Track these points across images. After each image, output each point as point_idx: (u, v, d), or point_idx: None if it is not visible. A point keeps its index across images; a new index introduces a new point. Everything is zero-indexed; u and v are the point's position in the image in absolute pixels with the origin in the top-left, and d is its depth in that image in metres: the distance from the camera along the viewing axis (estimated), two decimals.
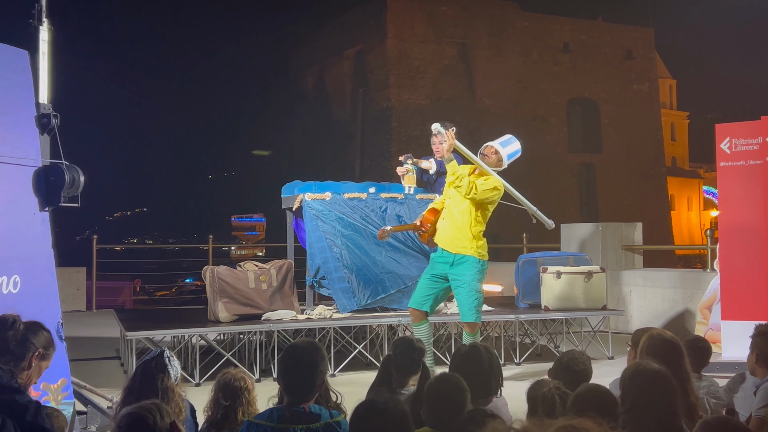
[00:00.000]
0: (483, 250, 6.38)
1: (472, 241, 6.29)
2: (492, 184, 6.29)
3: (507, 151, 6.61)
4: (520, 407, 3.53)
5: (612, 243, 10.70)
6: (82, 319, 11.81)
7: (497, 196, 6.37)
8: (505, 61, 31.89)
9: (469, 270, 6.30)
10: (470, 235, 6.29)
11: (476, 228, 6.33)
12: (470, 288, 6.31)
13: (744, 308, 7.21)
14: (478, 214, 6.33)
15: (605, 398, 3.04)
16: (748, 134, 7.38)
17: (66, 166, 5.08)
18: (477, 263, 6.31)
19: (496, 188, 6.30)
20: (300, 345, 3.23)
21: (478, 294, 6.34)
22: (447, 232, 6.38)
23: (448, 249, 6.35)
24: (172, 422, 2.67)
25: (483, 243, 6.40)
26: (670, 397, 3.11)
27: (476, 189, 6.18)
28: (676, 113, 58.93)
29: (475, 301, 6.33)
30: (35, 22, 5.20)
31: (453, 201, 6.41)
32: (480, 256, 6.34)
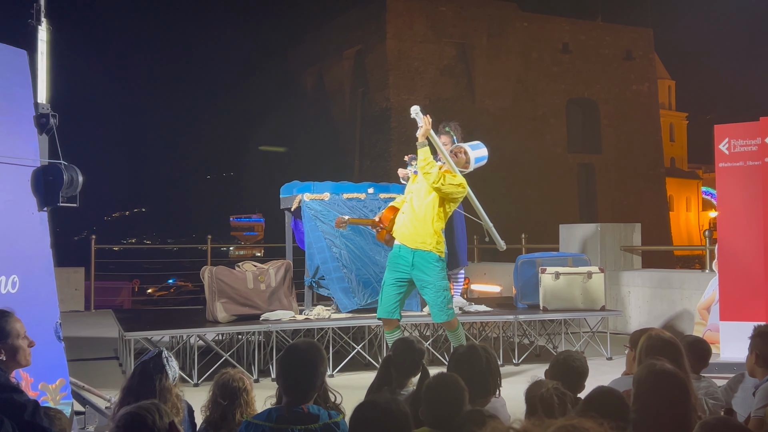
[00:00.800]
0: (441, 246, 6.35)
1: (432, 236, 6.24)
2: (458, 181, 6.28)
3: (475, 155, 6.67)
4: (519, 407, 3.53)
5: (611, 244, 10.70)
6: (81, 319, 11.81)
7: (460, 195, 6.36)
8: (504, 61, 31.90)
9: (431, 269, 6.25)
10: (431, 230, 6.24)
11: (438, 224, 6.28)
12: (436, 288, 6.26)
13: (742, 309, 7.21)
14: (440, 210, 6.29)
15: (617, 402, 3.03)
16: (746, 135, 7.38)
17: (64, 165, 5.07)
18: (437, 261, 6.27)
19: (461, 185, 6.29)
20: (300, 345, 3.23)
21: (445, 292, 6.30)
22: (406, 227, 6.32)
23: (407, 244, 6.29)
24: (170, 422, 2.67)
25: (442, 240, 6.37)
26: (684, 398, 3.11)
27: (444, 180, 6.16)
28: (675, 114, 58.98)
29: (444, 300, 6.28)
30: (34, 21, 5.20)
31: (416, 195, 6.37)
32: (439, 253, 6.30)
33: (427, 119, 6.25)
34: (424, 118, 6.26)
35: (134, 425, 2.60)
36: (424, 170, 6.18)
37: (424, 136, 6.24)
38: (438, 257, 6.29)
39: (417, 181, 6.45)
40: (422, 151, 6.20)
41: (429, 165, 6.16)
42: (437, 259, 6.27)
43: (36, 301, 4.91)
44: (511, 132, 31.46)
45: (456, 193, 6.28)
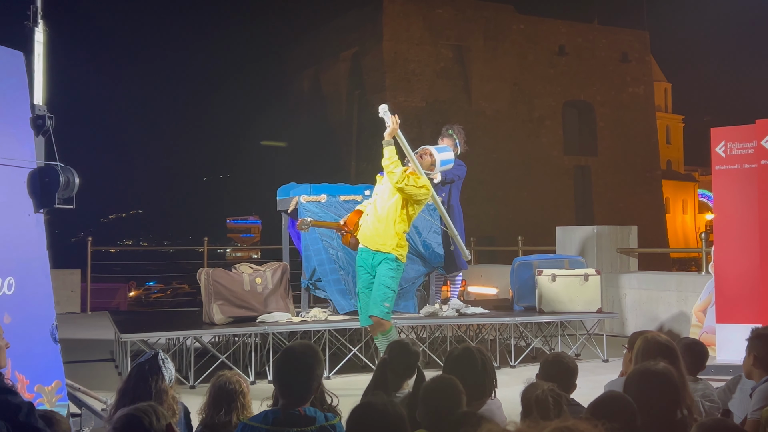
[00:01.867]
0: (403, 250, 6.29)
1: (393, 238, 6.22)
2: (422, 183, 6.23)
3: (441, 157, 6.67)
4: (515, 409, 3.53)
5: (607, 246, 10.71)
6: (77, 321, 11.79)
7: (424, 197, 6.30)
8: (500, 63, 31.93)
9: (384, 266, 6.22)
10: (393, 232, 6.22)
11: (400, 226, 6.24)
12: (381, 283, 6.22)
13: (738, 311, 7.22)
14: (403, 212, 6.25)
15: (625, 407, 3.03)
16: (743, 138, 7.39)
17: (61, 167, 5.07)
18: (393, 261, 6.22)
19: (425, 187, 6.24)
20: (297, 348, 3.23)
21: (389, 291, 6.21)
22: (369, 228, 6.33)
23: (369, 246, 6.29)
24: (168, 424, 2.67)
25: (404, 245, 6.32)
26: (674, 398, 3.11)
27: (408, 180, 6.12)
28: (671, 116, 59.09)
29: (383, 296, 6.20)
30: (30, 23, 5.20)
31: (380, 197, 6.37)
32: (399, 255, 6.25)
33: (395, 119, 6.25)
34: (392, 117, 6.26)
35: (131, 427, 2.60)
36: (387, 169, 6.18)
37: (391, 135, 6.25)
38: (395, 258, 6.23)
39: (383, 183, 6.44)
40: (387, 149, 6.22)
41: (393, 164, 6.16)
42: (394, 259, 6.22)
43: (32, 303, 4.91)
44: (507, 134, 31.50)
45: (419, 195, 6.22)
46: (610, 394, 3.12)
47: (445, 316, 7.92)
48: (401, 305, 7.94)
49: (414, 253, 7.91)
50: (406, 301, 7.99)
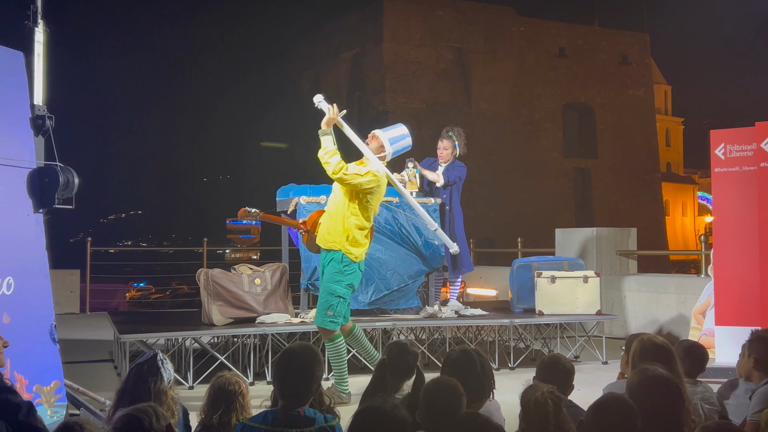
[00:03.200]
0: (357, 248, 5.96)
1: (342, 234, 5.92)
2: (366, 170, 5.89)
3: (387, 136, 6.23)
4: (514, 411, 3.53)
5: (607, 248, 10.71)
6: (76, 321, 11.78)
7: (372, 184, 5.91)
8: (500, 65, 31.95)
9: (330, 268, 5.96)
10: (341, 228, 5.92)
11: (351, 220, 5.93)
12: (325, 289, 5.96)
13: (738, 314, 7.22)
14: (353, 205, 5.95)
15: (626, 409, 3.02)
16: (742, 140, 7.39)
17: (60, 167, 5.07)
18: (339, 261, 5.93)
19: (370, 173, 5.89)
20: (297, 349, 3.22)
21: (332, 297, 5.92)
22: (322, 226, 6.10)
23: (321, 244, 6.06)
24: (167, 425, 2.67)
25: (360, 242, 5.98)
26: (678, 403, 3.11)
27: (346, 169, 5.80)
28: (671, 119, 59.13)
29: (325, 304, 5.92)
30: (31, 23, 5.20)
31: (334, 193, 6.15)
32: (347, 252, 5.92)
33: (332, 107, 5.99)
34: (330, 107, 6.01)
35: (131, 427, 2.60)
36: (322, 160, 5.87)
37: (329, 124, 5.97)
38: (342, 257, 5.94)
39: None
40: (323, 139, 5.93)
41: (327, 154, 5.85)
42: (340, 259, 5.94)
43: (31, 303, 4.91)
44: (507, 136, 31.50)
45: (365, 183, 5.87)
46: (610, 396, 3.12)
47: (445, 317, 7.91)
48: (402, 303, 7.94)
49: (414, 252, 7.92)
50: (409, 299, 7.99)
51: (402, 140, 6.32)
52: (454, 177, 8.14)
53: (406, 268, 7.89)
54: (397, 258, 7.85)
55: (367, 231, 6.11)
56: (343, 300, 5.99)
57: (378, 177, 5.96)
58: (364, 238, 6.06)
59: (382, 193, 6.14)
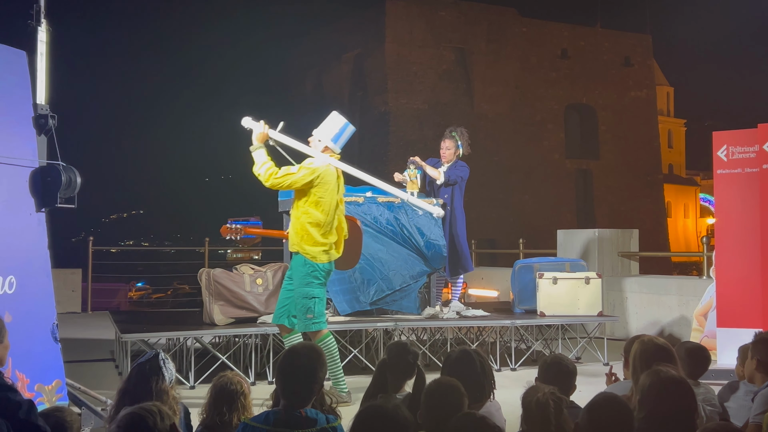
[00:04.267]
0: (315, 248, 5.95)
1: (299, 234, 5.96)
2: (298, 167, 5.94)
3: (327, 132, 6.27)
4: (515, 412, 3.52)
5: (608, 249, 10.71)
6: (77, 320, 11.79)
7: (307, 178, 5.91)
8: (503, 66, 31.94)
9: (297, 269, 6.00)
10: (298, 227, 5.97)
11: (303, 219, 5.96)
12: (299, 294, 5.99)
13: (739, 316, 7.21)
14: (303, 202, 6.00)
15: (621, 409, 3.03)
16: (745, 142, 7.39)
17: (63, 167, 5.08)
18: (303, 265, 5.97)
19: (302, 168, 5.92)
20: (300, 349, 3.22)
21: (307, 300, 5.97)
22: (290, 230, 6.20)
23: (290, 248, 6.14)
24: (171, 424, 2.67)
25: (312, 240, 5.95)
26: (691, 405, 3.11)
27: (276, 173, 5.88)
28: (673, 120, 59.07)
29: (303, 308, 5.98)
30: (33, 22, 5.21)
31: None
32: (306, 254, 5.95)
33: (261, 123, 6.07)
34: (258, 123, 6.09)
35: (135, 426, 2.60)
36: (256, 174, 5.97)
37: (261, 139, 6.04)
38: (304, 260, 5.97)
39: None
40: (255, 155, 6.01)
41: (258, 166, 5.95)
42: (303, 263, 5.98)
43: (33, 302, 4.91)
44: (509, 137, 31.49)
45: (299, 179, 5.90)
46: (603, 396, 3.11)
47: (446, 318, 7.91)
48: (403, 304, 7.93)
49: (416, 253, 7.91)
50: (410, 301, 7.99)
51: (335, 128, 6.36)
52: (455, 176, 8.14)
53: (408, 269, 7.88)
54: (398, 258, 7.84)
55: (325, 228, 6.05)
56: (320, 300, 6.04)
57: (314, 169, 5.96)
58: (322, 236, 6.02)
59: (331, 184, 6.09)
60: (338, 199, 6.20)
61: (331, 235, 6.10)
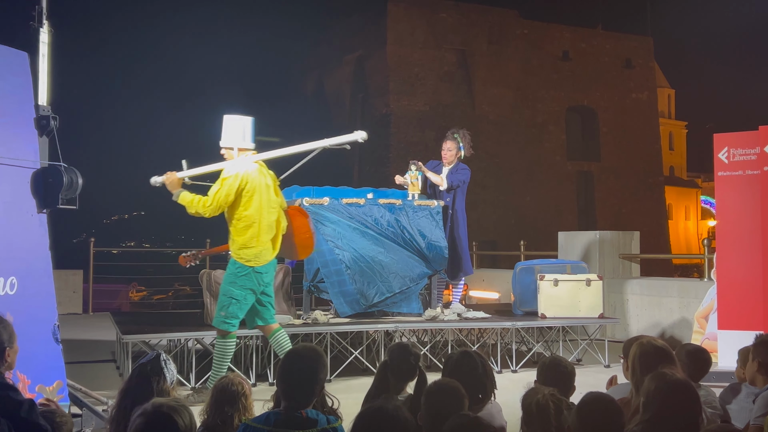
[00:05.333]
0: (248, 252, 6.07)
1: (233, 239, 6.11)
2: (219, 181, 6.07)
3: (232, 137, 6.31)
4: (516, 414, 3.53)
5: (609, 251, 10.71)
6: (79, 321, 11.80)
7: (234, 186, 6.02)
8: (504, 68, 31.93)
9: (228, 269, 6.16)
10: (233, 234, 6.11)
11: (239, 224, 6.09)
12: (221, 291, 6.15)
13: (741, 318, 7.21)
14: (235, 210, 6.10)
15: (610, 408, 3.03)
16: (746, 144, 7.39)
17: (64, 168, 5.08)
18: (234, 264, 6.09)
19: (222, 181, 6.04)
20: (301, 351, 3.23)
21: (225, 298, 6.07)
22: None
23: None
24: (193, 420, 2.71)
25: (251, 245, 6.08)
26: (696, 408, 3.11)
27: (206, 200, 6.03)
28: (674, 122, 59.06)
29: (220, 304, 6.09)
30: (35, 23, 5.21)
31: None
32: (239, 259, 6.08)
33: (166, 173, 6.22)
34: (164, 177, 6.24)
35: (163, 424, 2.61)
36: (193, 213, 6.09)
37: (176, 185, 6.20)
38: (234, 262, 6.10)
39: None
40: (180, 200, 6.17)
41: (191, 206, 6.09)
42: (233, 263, 6.11)
43: (34, 303, 4.92)
44: (510, 139, 31.48)
45: (227, 190, 6.02)
46: (592, 396, 3.11)
47: (447, 320, 7.91)
48: (404, 306, 7.94)
49: (417, 255, 7.91)
50: (411, 303, 7.99)
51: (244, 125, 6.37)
52: (457, 181, 8.15)
53: (409, 271, 7.88)
54: (399, 260, 7.84)
55: (256, 228, 6.12)
56: (237, 302, 6.11)
57: (234, 174, 6.06)
58: (254, 239, 6.11)
59: (257, 182, 6.16)
60: (270, 194, 6.27)
61: (265, 233, 6.17)
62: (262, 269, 6.18)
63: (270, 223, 6.22)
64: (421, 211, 7.96)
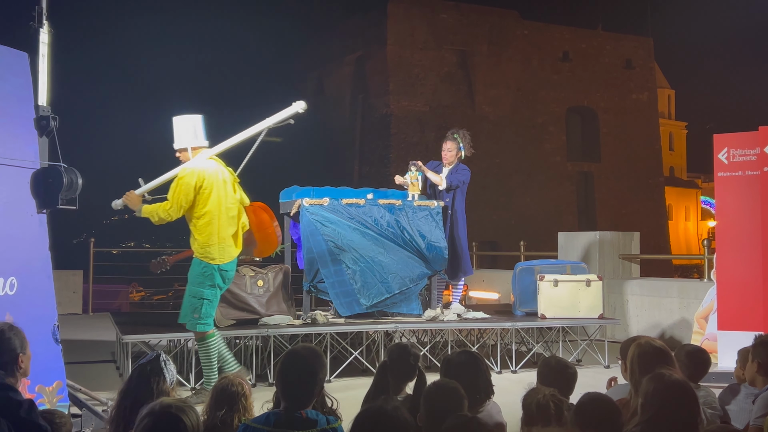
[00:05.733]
0: (211, 250, 6.06)
1: (194, 237, 6.10)
2: (175, 182, 6.09)
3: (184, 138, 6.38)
4: (516, 414, 3.53)
5: (609, 252, 10.71)
6: (78, 322, 11.80)
7: (192, 180, 6.03)
8: (504, 69, 31.93)
9: (192, 270, 6.13)
10: (194, 233, 6.10)
11: (199, 222, 6.08)
12: (187, 292, 6.14)
13: (740, 318, 7.21)
14: (193, 208, 6.09)
15: (608, 408, 3.03)
16: (745, 145, 7.39)
17: (64, 168, 5.08)
18: (198, 264, 6.07)
19: (180, 180, 6.06)
20: (301, 351, 3.23)
21: (194, 300, 6.06)
22: None
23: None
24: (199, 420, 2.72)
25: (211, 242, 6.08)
26: (695, 408, 3.11)
27: (166, 206, 6.05)
28: (674, 123, 59.07)
29: (191, 306, 6.07)
30: (35, 24, 5.21)
31: None
32: (204, 258, 6.06)
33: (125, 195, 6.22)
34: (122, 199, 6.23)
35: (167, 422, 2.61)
36: (159, 220, 6.09)
37: (136, 202, 6.20)
38: (199, 262, 6.09)
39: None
40: (144, 213, 6.16)
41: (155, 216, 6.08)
42: (198, 262, 6.10)
43: (34, 304, 4.92)
44: (510, 139, 31.47)
45: (187, 185, 6.04)
46: (589, 396, 3.11)
47: (447, 320, 7.91)
48: (404, 306, 7.93)
49: (417, 255, 7.91)
50: (410, 303, 7.98)
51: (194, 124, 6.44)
52: (457, 181, 8.15)
53: (408, 271, 7.87)
54: (399, 261, 7.84)
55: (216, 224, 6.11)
56: (209, 301, 6.11)
57: (189, 172, 6.08)
58: (215, 236, 6.10)
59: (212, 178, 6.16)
60: (227, 190, 6.26)
61: (225, 229, 6.15)
62: (227, 266, 6.18)
63: (230, 218, 6.21)
64: (421, 212, 7.95)
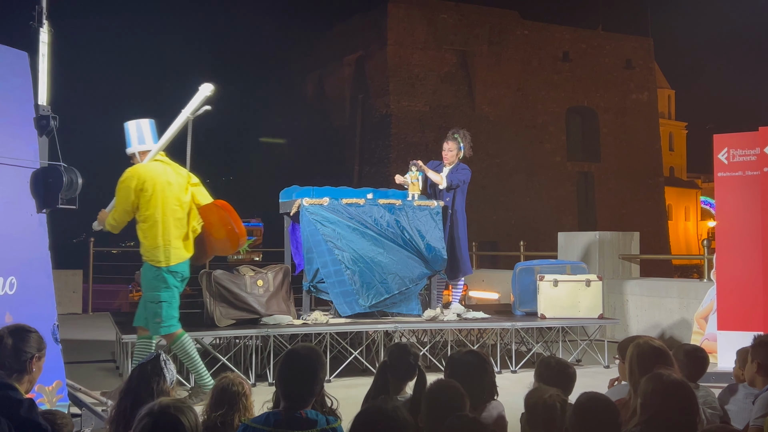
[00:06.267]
0: (156, 252, 5.98)
1: (142, 243, 6.05)
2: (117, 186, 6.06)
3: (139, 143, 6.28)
4: (516, 414, 3.53)
5: (609, 252, 10.70)
6: (78, 321, 11.79)
7: (132, 183, 5.98)
8: (504, 69, 31.93)
9: (144, 275, 6.08)
10: (140, 237, 6.05)
11: (144, 225, 6.02)
12: (145, 298, 6.10)
13: (740, 318, 7.21)
14: (139, 212, 6.04)
15: (607, 408, 3.03)
16: (745, 145, 7.39)
17: (64, 168, 5.08)
18: (149, 269, 6.01)
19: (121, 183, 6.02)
20: (301, 351, 3.23)
21: (153, 305, 6.02)
22: None
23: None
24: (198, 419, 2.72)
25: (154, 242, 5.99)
26: (694, 408, 3.11)
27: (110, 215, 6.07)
28: (674, 123, 59.09)
29: (152, 314, 6.02)
30: (35, 23, 5.21)
31: None
32: (152, 262, 5.99)
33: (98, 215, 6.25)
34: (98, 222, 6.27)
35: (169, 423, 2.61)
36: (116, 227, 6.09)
37: (102, 221, 6.21)
38: (149, 266, 6.03)
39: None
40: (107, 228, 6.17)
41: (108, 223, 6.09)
42: (148, 267, 6.03)
43: (34, 303, 4.92)
44: (510, 139, 31.47)
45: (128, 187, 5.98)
46: (587, 396, 3.11)
47: (447, 320, 7.91)
48: (404, 307, 7.93)
49: (417, 255, 7.91)
50: (410, 303, 7.98)
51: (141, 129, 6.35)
52: (457, 180, 8.16)
53: (408, 271, 7.87)
54: (398, 261, 7.83)
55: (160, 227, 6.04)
56: (168, 303, 6.05)
57: (130, 174, 6.03)
58: (160, 238, 6.02)
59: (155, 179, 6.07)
60: (174, 191, 6.16)
61: (171, 231, 6.07)
62: (177, 268, 6.08)
63: (176, 220, 6.11)
64: (421, 212, 7.95)
